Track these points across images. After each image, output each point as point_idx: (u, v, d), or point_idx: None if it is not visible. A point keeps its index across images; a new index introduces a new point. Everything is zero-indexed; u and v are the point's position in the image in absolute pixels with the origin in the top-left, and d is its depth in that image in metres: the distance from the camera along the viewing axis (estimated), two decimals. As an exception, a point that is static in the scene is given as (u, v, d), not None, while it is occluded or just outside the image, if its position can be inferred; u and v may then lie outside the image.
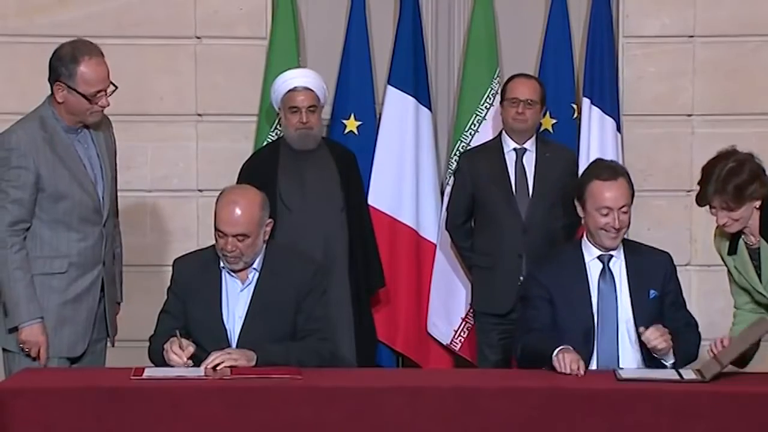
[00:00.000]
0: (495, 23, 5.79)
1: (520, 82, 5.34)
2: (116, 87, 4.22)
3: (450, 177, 5.63)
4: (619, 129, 5.71)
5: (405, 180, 5.70)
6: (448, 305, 5.69)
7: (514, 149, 5.34)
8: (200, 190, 5.74)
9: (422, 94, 5.75)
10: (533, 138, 5.36)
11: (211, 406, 3.71)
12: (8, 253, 4.14)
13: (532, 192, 5.28)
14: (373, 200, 5.64)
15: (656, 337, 4.10)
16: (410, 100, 5.72)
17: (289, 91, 5.24)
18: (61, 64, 4.15)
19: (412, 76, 5.72)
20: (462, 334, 5.69)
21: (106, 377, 3.86)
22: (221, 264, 4.22)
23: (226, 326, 4.18)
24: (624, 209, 4.29)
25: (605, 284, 4.27)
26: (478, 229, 5.38)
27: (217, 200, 4.24)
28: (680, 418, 3.66)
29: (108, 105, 4.23)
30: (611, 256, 4.31)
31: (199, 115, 5.76)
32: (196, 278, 4.24)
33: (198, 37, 5.74)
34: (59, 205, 4.20)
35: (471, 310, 5.57)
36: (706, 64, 5.77)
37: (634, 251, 4.37)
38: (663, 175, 5.78)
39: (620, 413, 3.68)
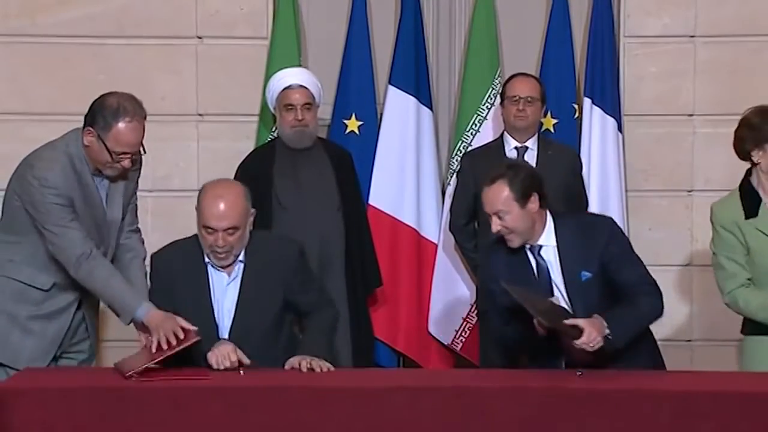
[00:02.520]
0: (496, 23, 5.79)
1: (520, 80, 5.37)
2: (145, 152, 4.18)
3: (451, 177, 5.63)
4: (620, 129, 5.70)
5: (406, 180, 5.70)
6: (449, 305, 5.69)
7: (516, 148, 5.34)
8: (201, 190, 5.73)
9: (423, 94, 5.75)
10: (535, 137, 5.37)
11: (211, 406, 3.70)
12: (91, 262, 4.09)
13: (533, 186, 5.28)
14: (374, 200, 5.64)
15: (587, 342, 3.92)
16: (411, 100, 5.71)
17: (285, 89, 5.25)
18: (101, 115, 4.08)
19: (413, 75, 5.72)
20: (463, 334, 5.68)
21: (106, 377, 3.86)
22: (206, 258, 4.18)
23: (217, 322, 4.16)
24: (497, 214, 4.12)
25: (541, 273, 4.14)
26: (481, 229, 5.38)
27: (200, 197, 4.17)
28: (680, 418, 3.65)
29: (129, 167, 4.17)
30: (541, 246, 4.15)
31: (200, 115, 5.76)
32: (179, 273, 4.19)
33: (199, 37, 5.74)
34: None
35: (473, 311, 5.57)
36: (708, 64, 5.76)
37: (567, 230, 4.15)
38: (664, 175, 5.77)
39: (620, 413, 3.67)
